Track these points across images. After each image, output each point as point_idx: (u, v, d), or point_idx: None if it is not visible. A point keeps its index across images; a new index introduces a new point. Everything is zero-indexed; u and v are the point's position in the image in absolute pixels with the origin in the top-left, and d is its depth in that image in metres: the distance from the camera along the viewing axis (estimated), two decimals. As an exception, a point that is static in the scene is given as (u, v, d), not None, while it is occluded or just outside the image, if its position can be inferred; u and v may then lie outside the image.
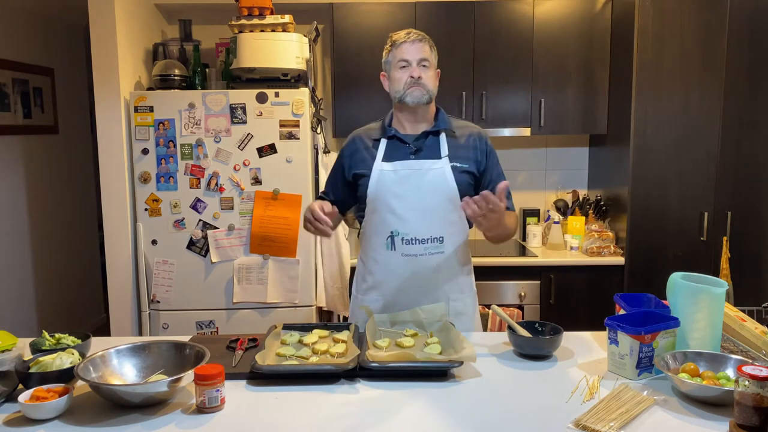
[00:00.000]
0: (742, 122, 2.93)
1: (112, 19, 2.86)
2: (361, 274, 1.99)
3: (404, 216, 1.82)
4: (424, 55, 1.83)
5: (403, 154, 1.85)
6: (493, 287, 3.08)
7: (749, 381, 1.15)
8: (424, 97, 1.83)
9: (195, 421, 1.29)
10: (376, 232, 1.88)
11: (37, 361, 1.43)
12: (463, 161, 1.85)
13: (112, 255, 2.96)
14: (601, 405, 1.31)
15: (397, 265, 1.84)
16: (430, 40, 1.88)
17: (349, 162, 1.93)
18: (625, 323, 1.47)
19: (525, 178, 3.66)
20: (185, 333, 2.74)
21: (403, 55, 1.83)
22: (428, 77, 1.84)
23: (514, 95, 3.25)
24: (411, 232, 1.82)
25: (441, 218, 1.83)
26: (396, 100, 1.87)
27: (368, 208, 1.89)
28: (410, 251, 1.82)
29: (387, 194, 1.83)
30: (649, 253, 3.03)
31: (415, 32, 1.86)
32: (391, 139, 1.88)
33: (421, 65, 1.83)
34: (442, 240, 1.83)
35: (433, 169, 1.82)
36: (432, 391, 1.41)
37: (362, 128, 1.99)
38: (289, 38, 2.90)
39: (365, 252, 1.95)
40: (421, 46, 1.83)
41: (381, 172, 1.84)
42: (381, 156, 1.86)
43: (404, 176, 1.83)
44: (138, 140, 2.87)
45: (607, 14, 3.20)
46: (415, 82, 1.81)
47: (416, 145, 1.86)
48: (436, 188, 1.82)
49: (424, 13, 3.19)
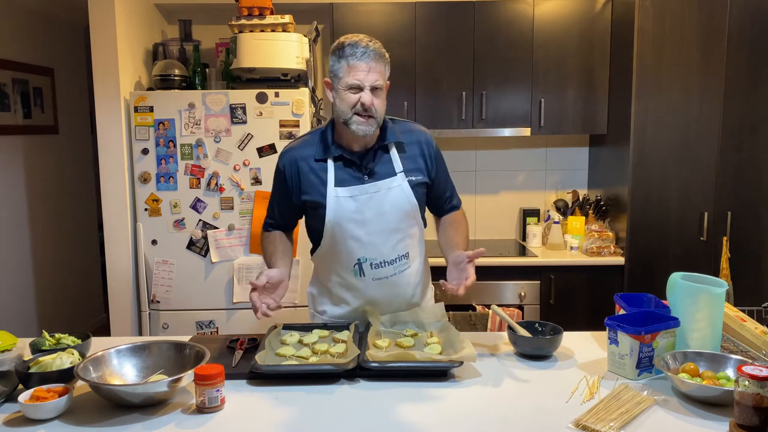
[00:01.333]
0: (742, 122, 2.93)
1: (112, 19, 2.86)
2: (324, 295, 1.87)
3: (369, 241, 1.72)
4: (379, 79, 1.64)
5: (356, 178, 1.72)
6: (493, 287, 3.07)
7: (749, 381, 1.15)
8: (371, 128, 1.66)
9: (195, 421, 1.29)
10: (338, 260, 1.76)
11: (37, 361, 1.43)
12: (416, 173, 1.76)
13: (112, 255, 2.96)
14: (601, 405, 1.31)
15: (370, 290, 1.77)
16: (385, 54, 1.68)
17: (293, 185, 1.76)
18: (625, 323, 1.47)
19: (525, 178, 3.66)
20: (185, 333, 2.74)
21: (356, 77, 1.62)
22: (380, 103, 1.66)
23: (513, 95, 3.25)
24: (379, 255, 1.73)
25: (404, 235, 1.77)
26: (340, 120, 1.68)
27: (326, 237, 1.74)
28: (381, 274, 1.75)
29: (347, 222, 1.70)
30: (649, 253, 3.03)
31: (372, 46, 1.64)
32: (338, 160, 1.73)
33: (374, 92, 1.64)
34: (408, 255, 1.78)
35: (392, 188, 1.72)
36: (432, 391, 1.41)
37: (296, 144, 1.80)
38: (289, 38, 2.90)
39: (325, 278, 1.83)
40: (377, 67, 1.64)
41: (337, 200, 1.70)
42: (332, 181, 1.71)
43: (363, 201, 1.70)
44: (138, 140, 2.87)
45: (607, 14, 3.20)
46: (365, 111, 1.63)
47: (368, 166, 1.72)
48: (398, 207, 1.73)
49: (424, 13, 3.19)
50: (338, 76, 1.66)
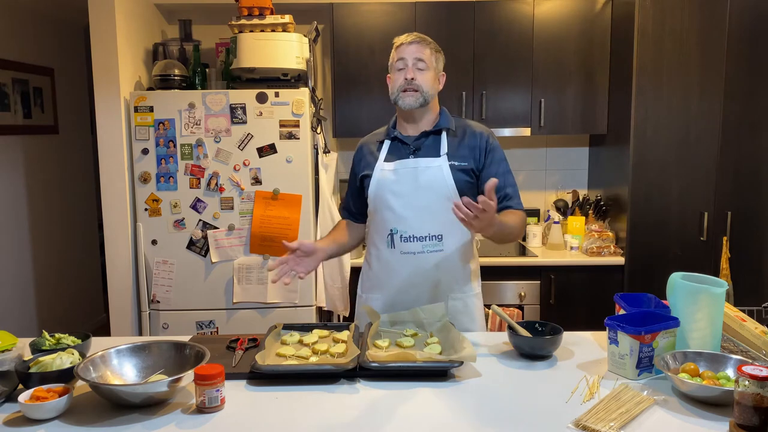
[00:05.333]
0: (742, 122, 2.93)
1: (112, 19, 2.86)
2: (365, 272, 2.01)
3: (402, 214, 1.83)
4: (421, 55, 1.82)
5: (403, 153, 1.88)
6: (493, 287, 3.07)
7: (749, 381, 1.15)
8: (417, 101, 1.82)
9: (195, 421, 1.29)
10: (377, 230, 1.91)
11: (37, 361, 1.43)
12: (461, 159, 1.84)
13: (112, 255, 2.96)
14: (601, 405, 1.31)
15: (397, 263, 1.85)
16: (434, 44, 1.88)
17: (357, 168, 1.98)
18: (625, 323, 1.47)
19: (525, 178, 3.66)
20: (185, 333, 2.74)
21: (400, 55, 1.84)
22: (424, 78, 1.82)
23: (514, 95, 3.25)
24: (409, 229, 1.83)
25: (439, 216, 1.82)
26: (395, 104, 1.88)
27: (370, 208, 1.92)
28: (408, 249, 1.83)
29: (386, 192, 1.85)
30: (649, 253, 3.03)
31: (416, 34, 1.86)
32: (394, 141, 1.91)
33: (417, 66, 1.82)
34: (441, 238, 1.83)
35: (431, 167, 1.82)
36: (432, 391, 1.41)
37: (370, 134, 2.03)
38: (289, 38, 2.90)
39: (369, 251, 1.99)
40: (419, 47, 1.83)
41: (381, 172, 1.87)
42: (383, 157, 1.89)
43: (402, 175, 1.84)
44: (138, 140, 2.87)
45: (607, 14, 3.20)
46: (408, 84, 1.81)
47: (416, 144, 1.87)
48: (434, 186, 1.82)
49: (424, 13, 3.19)
50: (391, 64, 1.89)
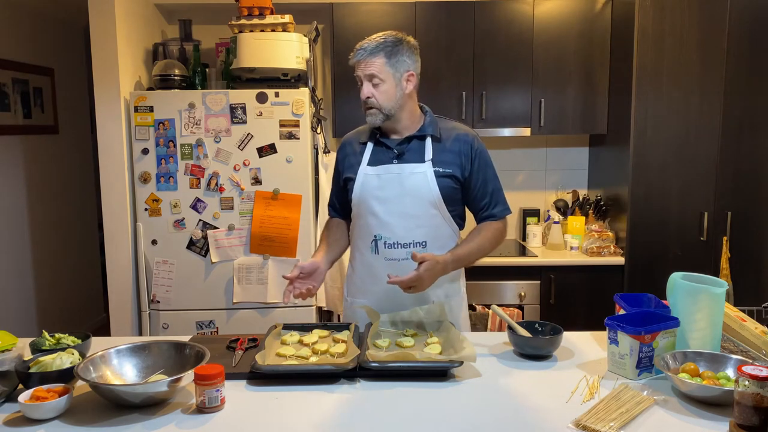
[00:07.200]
0: (742, 122, 2.93)
1: (112, 19, 2.86)
2: (350, 276, 1.99)
3: (386, 220, 1.80)
4: (372, 70, 1.74)
5: (386, 158, 1.83)
6: (493, 287, 3.07)
7: (749, 381, 1.15)
8: (378, 118, 1.78)
9: (195, 421, 1.29)
10: (360, 235, 1.88)
11: (37, 361, 1.43)
12: (446, 165, 1.80)
13: (112, 255, 2.96)
14: (601, 405, 1.31)
15: (381, 270, 1.81)
16: (390, 46, 1.75)
17: (341, 167, 1.94)
18: (625, 323, 1.47)
19: (525, 178, 3.66)
20: (185, 333, 2.74)
21: (356, 72, 1.79)
22: (381, 93, 1.75)
23: (513, 95, 3.25)
24: (393, 236, 1.80)
25: (424, 223, 1.80)
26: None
27: (354, 212, 1.90)
28: (392, 255, 1.81)
29: (369, 198, 1.82)
30: (649, 253, 3.03)
31: (368, 43, 1.76)
32: (378, 144, 1.86)
33: (372, 82, 1.75)
34: (425, 245, 1.80)
35: (415, 173, 1.79)
36: (432, 391, 1.41)
37: (354, 131, 1.98)
38: (289, 38, 2.90)
39: (353, 254, 1.96)
40: (367, 63, 1.74)
41: (365, 176, 1.83)
42: (366, 160, 1.85)
43: (386, 180, 1.81)
44: (138, 140, 2.87)
45: (607, 14, 3.20)
46: (365, 103, 1.78)
47: (399, 149, 1.82)
48: (418, 192, 1.78)
49: (424, 13, 3.19)
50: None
